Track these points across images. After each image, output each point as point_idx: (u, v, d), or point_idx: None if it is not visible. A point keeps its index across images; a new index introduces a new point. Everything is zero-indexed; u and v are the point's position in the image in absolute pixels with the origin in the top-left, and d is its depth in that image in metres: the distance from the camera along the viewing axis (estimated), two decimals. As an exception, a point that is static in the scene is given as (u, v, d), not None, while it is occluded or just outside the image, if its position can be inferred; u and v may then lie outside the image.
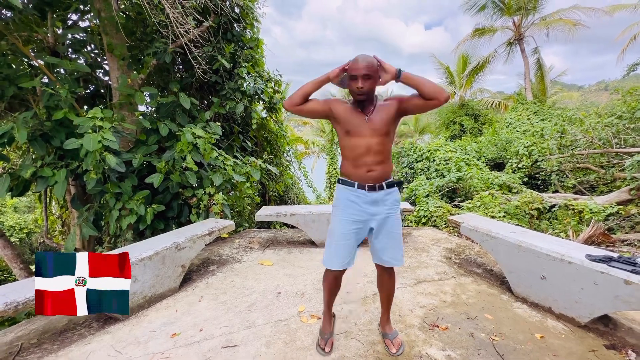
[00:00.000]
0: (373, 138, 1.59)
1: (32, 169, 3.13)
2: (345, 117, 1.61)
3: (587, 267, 1.88)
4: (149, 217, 3.44)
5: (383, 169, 1.63)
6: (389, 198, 1.66)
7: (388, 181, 1.66)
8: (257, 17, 4.82)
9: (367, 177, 1.62)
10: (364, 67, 1.50)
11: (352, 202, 1.65)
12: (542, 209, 5.75)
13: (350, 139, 1.61)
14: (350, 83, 1.56)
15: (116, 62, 3.94)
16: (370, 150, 1.59)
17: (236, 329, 2.04)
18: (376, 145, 1.59)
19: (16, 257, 4.32)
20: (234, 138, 5.01)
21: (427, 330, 1.98)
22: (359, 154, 1.60)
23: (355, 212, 1.64)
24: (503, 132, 10.70)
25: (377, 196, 1.63)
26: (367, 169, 1.61)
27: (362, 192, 1.63)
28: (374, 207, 1.64)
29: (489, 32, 13.23)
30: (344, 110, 1.62)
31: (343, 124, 1.62)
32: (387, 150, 1.64)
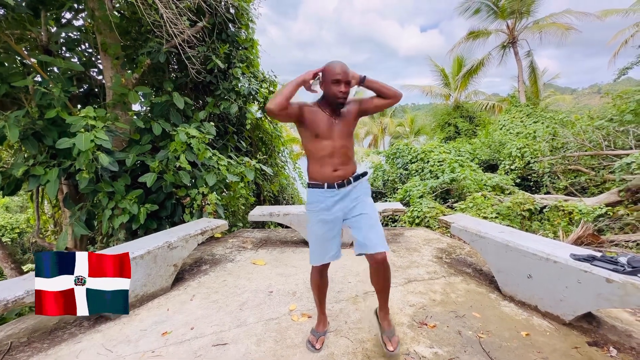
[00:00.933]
0: (339, 140, 1.68)
1: (24, 168, 3.12)
2: (314, 120, 1.66)
3: (571, 266, 1.92)
4: (142, 216, 3.44)
5: (347, 167, 1.72)
6: (357, 188, 1.75)
7: (354, 175, 1.74)
8: (252, 18, 4.84)
9: (333, 176, 1.69)
10: (345, 72, 1.61)
11: (322, 203, 1.71)
12: (533, 210, 5.83)
13: (318, 141, 1.67)
14: (332, 87, 1.61)
15: (110, 61, 3.94)
16: (336, 152, 1.67)
17: (227, 328, 2.06)
18: (341, 148, 1.69)
19: (7, 256, 4.29)
20: (228, 138, 5.02)
21: (415, 328, 2.01)
22: (325, 155, 1.67)
23: (327, 212, 1.71)
24: (496, 134, 10.82)
25: (346, 190, 1.71)
26: (332, 168, 1.68)
27: (332, 190, 1.69)
28: (344, 202, 1.72)
29: (483, 35, 13.37)
30: (312, 113, 1.67)
31: (312, 127, 1.66)
32: (351, 150, 1.75)
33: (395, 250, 3.35)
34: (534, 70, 13.26)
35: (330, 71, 1.61)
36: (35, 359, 1.82)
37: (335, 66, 1.61)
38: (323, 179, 1.70)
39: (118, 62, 3.93)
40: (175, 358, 1.79)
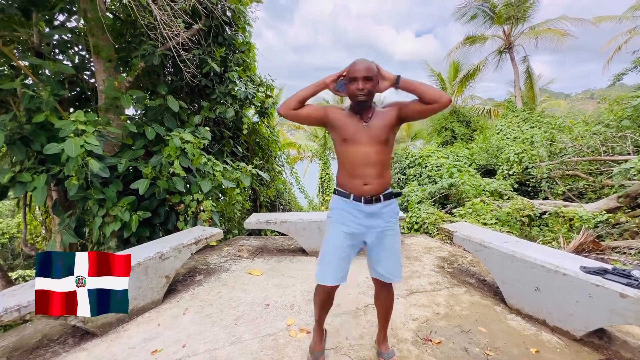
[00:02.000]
0: (371, 146, 1.51)
1: (10, 174, 2.99)
2: (342, 123, 1.55)
3: (582, 280, 1.84)
4: (134, 224, 3.32)
5: (381, 181, 1.55)
6: (387, 210, 1.58)
7: (386, 193, 1.57)
8: (248, 21, 4.76)
9: (363, 190, 1.54)
10: (363, 69, 1.48)
11: (347, 213, 1.57)
12: (532, 216, 5.77)
13: (348, 147, 1.54)
14: (350, 86, 1.51)
15: (102, 64, 3.83)
16: (368, 160, 1.51)
17: (221, 345, 1.95)
18: (374, 154, 1.51)
19: (-6, 265, 4.13)
20: (224, 143, 4.92)
21: (420, 345, 1.91)
22: (356, 163, 1.53)
23: (350, 225, 1.56)
24: (494, 139, 10.82)
25: (374, 209, 1.55)
26: (363, 181, 1.53)
27: (358, 204, 1.55)
28: (370, 220, 1.56)
29: (479, 40, 13.45)
30: (341, 117, 1.56)
31: (340, 131, 1.55)
32: (386, 160, 1.56)
33: (396, 259, 3.25)
34: (530, 76, 13.34)
35: (349, 70, 1.52)
36: (14, 382, 1.70)
37: (354, 63, 1.51)
38: (352, 190, 1.56)
39: (110, 64, 3.82)
40: (165, 380, 1.68)
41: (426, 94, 1.45)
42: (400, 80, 1.51)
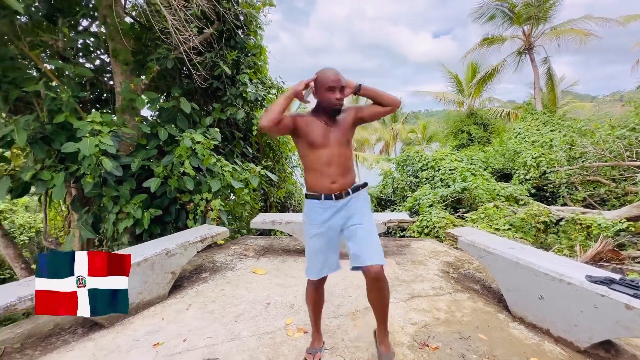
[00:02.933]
0: (336, 148, 1.63)
1: (32, 172, 3.17)
2: (309, 129, 1.62)
3: (587, 289, 1.78)
4: (146, 221, 3.44)
5: (346, 179, 1.66)
6: (357, 198, 1.69)
7: (353, 186, 1.69)
8: (260, 25, 4.85)
9: (331, 188, 1.64)
10: (339, 79, 1.58)
11: (319, 215, 1.66)
12: (549, 223, 5.58)
13: (314, 151, 1.63)
14: (326, 95, 1.59)
15: (120, 67, 4.00)
16: (333, 161, 1.63)
17: (220, 341, 2.00)
18: (339, 156, 1.64)
19: (18, 256, 4.37)
20: (235, 144, 5.02)
21: (416, 349, 1.90)
22: (324, 164, 1.63)
23: (324, 224, 1.66)
24: (511, 142, 10.52)
25: (344, 202, 1.66)
26: (330, 180, 1.63)
27: (329, 202, 1.64)
28: (342, 212, 1.66)
29: (498, 41, 13.11)
30: (306, 123, 1.63)
31: (306, 136, 1.63)
32: (349, 159, 1.70)
33: (400, 263, 3.23)
34: (551, 77, 12.88)
35: (324, 79, 1.58)
36: (26, 366, 1.81)
37: (328, 74, 1.58)
38: (321, 189, 1.65)
39: (127, 68, 3.98)
40: (164, 372, 1.74)
41: (385, 99, 1.65)
42: (361, 87, 1.66)
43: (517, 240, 4.86)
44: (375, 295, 1.62)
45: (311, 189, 1.69)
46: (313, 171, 1.66)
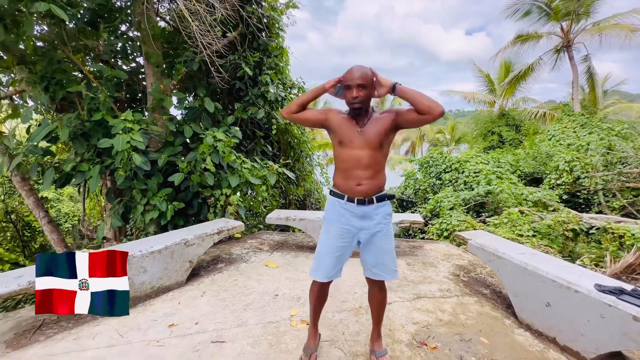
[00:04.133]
0: (364, 150, 1.58)
1: (72, 164, 3.52)
2: (339, 127, 1.63)
3: (594, 298, 1.73)
4: (169, 213, 3.69)
5: (373, 183, 1.61)
6: (379, 212, 1.64)
7: (378, 195, 1.63)
8: (282, 27, 4.99)
9: (356, 191, 1.61)
10: (358, 77, 1.53)
11: (341, 215, 1.65)
12: (578, 231, 5.28)
13: (342, 150, 1.62)
14: (345, 93, 1.59)
15: (152, 69, 4.30)
16: (360, 163, 1.58)
17: (228, 326, 2.14)
18: (367, 158, 1.58)
19: (61, 241, 4.82)
20: (256, 142, 5.21)
21: (414, 347, 1.93)
22: (349, 165, 1.61)
23: (343, 227, 1.64)
24: (544, 145, 9.98)
25: (366, 210, 1.62)
26: (356, 182, 1.60)
27: (351, 205, 1.62)
28: (363, 221, 1.63)
29: (532, 39, 12.43)
30: (339, 120, 1.64)
31: (336, 134, 1.65)
32: (379, 163, 1.62)
33: (410, 264, 3.23)
34: (592, 76, 12.03)
35: (344, 77, 1.58)
36: (59, 336, 2.04)
37: (349, 71, 1.57)
38: (345, 190, 1.64)
39: (158, 69, 4.27)
40: (176, 349, 1.91)
41: (420, 104, 1.49)
42: (396, 88, 1.56)
43: (539, 248, 4.66)
44: (374, 299, 1.78)
45: (336, 186, 1.69)
46: (340, 170, 1.65)
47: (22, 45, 3.73)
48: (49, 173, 3.50)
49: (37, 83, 3.58)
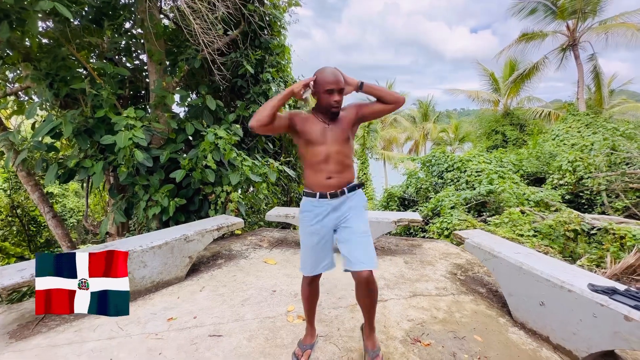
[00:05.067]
0: (334, 145, 1.63)
1: (76, 160, 3.57)
2: (306, 127, 1.65)
3: (587, 298, 1.74)
4: (171, 209, 3.74)
5: (343, 176, 1.67)
6: (352, 199, 1.69)
7: (349, 185, 1.69)
8: (284, 25, 5.01)
9: (327, 184, 1.64)
10: (338, 81, 1.59)
11: (314, 213, 1.68)
12: (579, 231, 5.26)
13: (312, 148, 1.64)
14: (325, 97, 1.60)
15: (154, 66, 4.34)
16: (330, 157, 1.63)
17: (225, 321, 2.18)
18: (336, 153, 1.63)
19: (65, 236, 4.90)
20: (257, 140, 5.24)
21: (408, 344, 1.96)
22: (320, 160, 1.64)
23: (318, 223, 1.67)
24: (548, 145, 9.91)
25: (339, 201, 1.66)
26: (326, 175, 1.64)
27: (324, 200, 1.65)
28: (337, 212, 1.67)
29: (538, 37, 12.31)
30: (303, 121, 1.66)
31: (303, 134, 1.65)
32: (348, 156, 1.69)
33: (408, 262, 3.25)
34: (598, 75, 11.90)
35: (322, 81, 1.59)
36: (61, 328, 2.10)
37: (327, 75, 1.59)
38: (317, 186, 1.66)
39: (161, 67, 4.31)
40: (174, 342, 1.95)
41: (388, 97, 1.65)
42: (363, 85, 1.67)
43: (540, 248, 4.65)
44: (363, 296, 1.65)
45: (308, 186, 1.70)
46: (310, 168, 1.67)
47: (28, 42, 3.79)
48: (52, 168, 3.56)
49: (42, 80, 3.63)
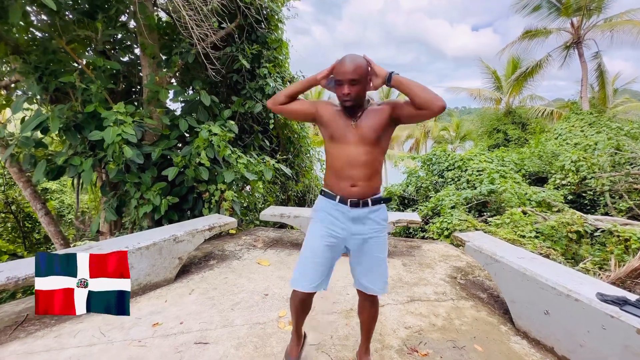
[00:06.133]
0: (360, 147, 1.42)
1: (64, 157, 3.46)
2: (331, 120, 1.47)
3: (595, 308, 1.63)
4: (163, 207, 3.63)
5: (369, 184, 1.46)
6: (374, 217, 1.48)
7: (374, 197, 1.47)
8: (281, 19, 4.87)
9: (350, 192, 1.45)
10: (351, 71, 1.35)
11: (331, 215, 1.49)
12: (582, 233, 5.15)
13: (335, 146, 1.47)
14: (337, 89, 1.41)
15: (148, 60, 4.21)
16: (355, 161, 1.43)
17: (213, 327, 2.08)
18: (362, 155, 1.42)
19: (58, 233, 4.79)
20: (253, 137, 5.12)
21: (404, 354, 1.85)
22: (343, 163, 1.45)
23: (333, 227, 1.49)
24: (550, 144, 9.79)
25: (360, 213, 1.46)
26: (350, 182, 1.44)
27: (344, 207, 1.46)
28: (356, 226, 1.47)
29: (541, 35, 12.12)
30: (330, 113, 1.48)
31: (327, 128, 1.48)
32: (375, 161, 1.46)
33: (407, 264, 3.15)
34: (602, 74, 11.73)
35: (336, 69, 1.40)
36: (41, 333, 2.00)
37: (341, 62, 1.38)
38: (338, 191, 1.48)
39: (154, 61, 4.18)
40: (157, 350, 1.85)
41: (417, 97, 1.32)
42: (392, 78, 1.37)
43: (542, 250, 4.55)
44: (365, 313, 1.64)
45: (328, 187, 1.53)
46: (333, 169, 1.50)
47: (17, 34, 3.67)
48: (40, 165, 3.45)
49: (31, 73, 3.52)
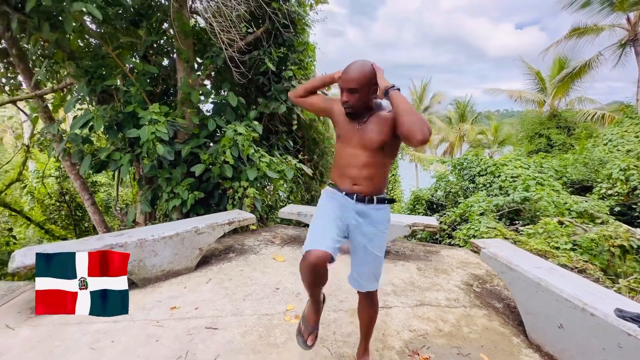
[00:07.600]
0: (362, 151, 1.46)
1: (107, 152, 3.82)
2: (340, 120, 1.53)
3: (612, 324, 1.53)
4: (190, 202, 3.87)
5: (371, 183, 1.48)
6: (377, 215, 1.50)
7: (379, 196, 1.51)
8: (308, 23, 4.99)
9: (353, 190, 1.50)
10: (350, 79, 1.39)
11: (339, 201, 1.52)
12: (627, 248, 4.70)
13: (341, 145, 1.53)
14: (340, 93, 1.46)
15: (182, 64, 4.52)
16: (357, 163, 1.47)
17: (224, 314, 2.21)
18: (365, 159, 1.45)
19: (102, 222, 5.28)
20: (278, 137, 5.28)
21: (405, 356, 1.85)
22: (346, 163, 1.51)
23: (341, 208, 1.50)
24: (598, 150, 9.00)
25: (364, 208, 1.49)
26: (352, 182, 1.49)
27: (350, 200, 1.50)
28: (359, 218, 1.50)
29: (591, 32, 11.16)
30: (342, 113, 1.51)
31: (337, 127, 1.56)
32: (378, 165, 1.48)
33: (421, 269, 3.10)
34: (664, 74, 10.55)
35: (341, 75, 1.45)
36: (76, 308, 2.24)
37: (345, 70, 1.43)
38: (342, 187, 1.53)
39: (188, 65, 4.47)
40: (172, 331, 2.01)
41: (400, 126, 1.29)
42: (388, 93, 1.36)
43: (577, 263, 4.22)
44: (363, 312, 1.68)
45: (334, 182, 1.59)
46: (338, 166, 1.56)
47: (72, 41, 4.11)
48: (86, 159, 3.84)
49: (81, 77, 3.93)
